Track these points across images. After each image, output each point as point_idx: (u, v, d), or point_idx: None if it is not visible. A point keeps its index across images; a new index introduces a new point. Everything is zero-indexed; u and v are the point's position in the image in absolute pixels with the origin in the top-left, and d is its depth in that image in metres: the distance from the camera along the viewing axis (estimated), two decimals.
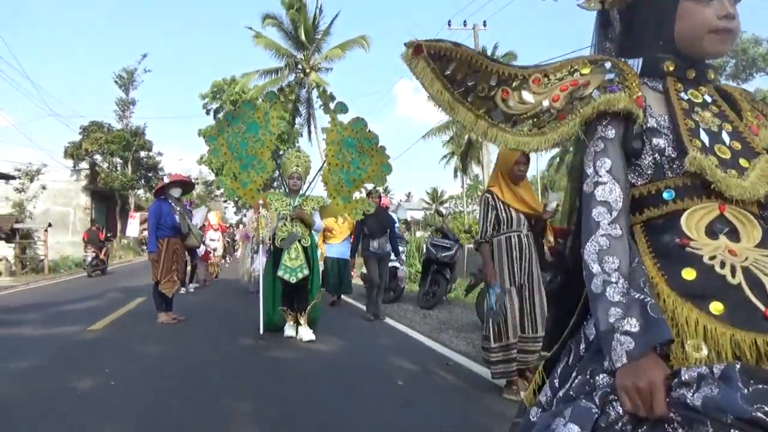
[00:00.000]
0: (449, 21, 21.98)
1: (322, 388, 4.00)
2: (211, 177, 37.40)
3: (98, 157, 26.87)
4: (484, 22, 22.27)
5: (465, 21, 22.44)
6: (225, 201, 39.92)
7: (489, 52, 27.22)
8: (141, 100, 63.24)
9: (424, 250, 9.63)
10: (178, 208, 6.99)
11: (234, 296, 9.57)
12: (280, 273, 5.66)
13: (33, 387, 3.96)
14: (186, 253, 8.14)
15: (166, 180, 7.36)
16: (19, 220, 18.82)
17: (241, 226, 26.21)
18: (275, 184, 11.27)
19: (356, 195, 6.16)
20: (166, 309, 6.84)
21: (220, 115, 6.62)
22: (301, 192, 5.97)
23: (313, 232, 6.05)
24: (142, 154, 29.15)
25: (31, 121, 57.57)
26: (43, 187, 21.67)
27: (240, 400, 3.64)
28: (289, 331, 5.84)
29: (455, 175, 43.60)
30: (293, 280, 5.68)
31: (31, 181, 21.08)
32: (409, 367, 4.67)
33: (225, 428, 3.16)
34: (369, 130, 5.90)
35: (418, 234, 24.13)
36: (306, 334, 5.64)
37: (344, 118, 5.96)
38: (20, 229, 18.09)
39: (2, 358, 4.86)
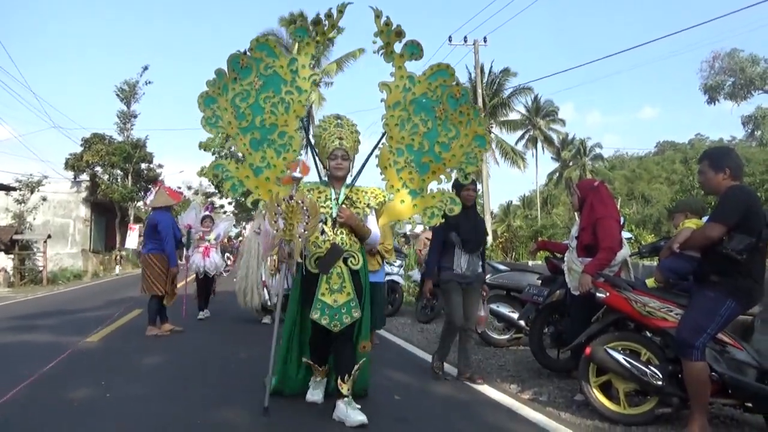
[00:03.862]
0: (450, 37, 22.17)
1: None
2: (212, 189, 37.41)
3: (99, 169, 26.92)
4: (485, 38, 22.43)
5: (465, 37, 22.62)
6: (224, 209, 35.85)
7: (486, 69, 27.41)
8: (142, 111, 63.58)
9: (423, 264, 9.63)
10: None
11: (233, 309, 9.54)
12: (314, 315, 3.48)
13: (29, 398, 3.95)
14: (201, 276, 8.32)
15: (157, 191, 7.26)
16: (18, 231, 18.81)
17: (240, 239, 26.18)
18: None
19: (432, 186, 4.03)
20: (162, 319, 6.83)
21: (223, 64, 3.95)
22: (347, 181, 3.81)
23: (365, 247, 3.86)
24: (143, 166, 29.20)
25: (33, 133, 57.92)
26: (44, 199, 21.69)
27: (236, 413, 3.62)
28: (314, 394, 3.81)
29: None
30: (335, 327, 3.49)
31: (32, 192, 21.10)
32: (406, 381, 4.66)
33: None
34: (456, 84, 3.93)
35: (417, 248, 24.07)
36: (353, 414, 3.37)
37: (416, 68, 3.96)
38: (20, 241, 18.09)
39: None
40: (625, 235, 5.03)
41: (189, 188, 40.02)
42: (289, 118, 3.87)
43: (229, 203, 38.26)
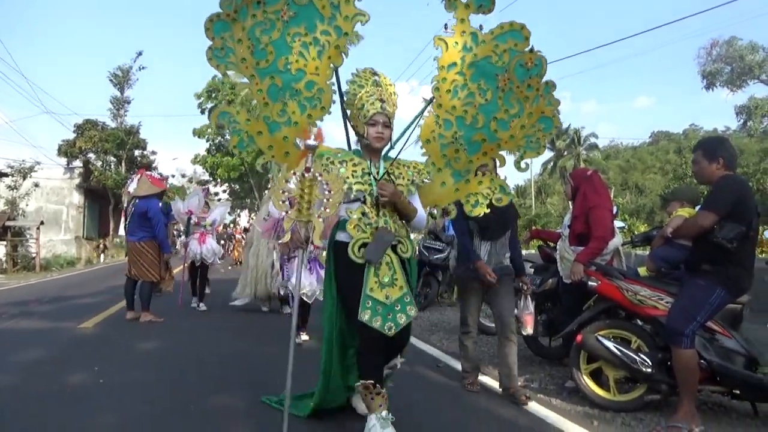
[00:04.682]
0: (446, 25, 22.00)
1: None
2: (206, 177, 37.24)
3: (92, 156, 26.76)
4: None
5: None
6: (218, 196, 33.56)
7: None
8: (136, 98, 63.03)
9: (417, 253, 9.65)
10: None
11: (228, 298, 9.54)
12: (364, 317, 2.79)
13: (22, 384, 3.95)
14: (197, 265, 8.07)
15: (139, 179, 7.16)
16: (11, 217, 18.72)
17: (233, 225, 26.11)
18: (270, 174, 7.80)
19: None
20: (143, 307, 6.82)
21: None
22: (385, 152, 3.15)
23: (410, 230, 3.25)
24: (136, 152, 29.05)
25: (24, 118, 57.33)
26: (36, 185, 21.55)
27: (231, 398, 3.65)
28: (381, 428, 2.82)
29: None
30: (390, 329, 2.82)
31: (24, 178, 20.96)
32: (400, 368, 4.68)
33: (215, 427, 3.16)
34: (531, 50, 3.12)
35: (411, 237, 24.11)
36: None
37: (482, 23, 3.20)
38: (12, 227, 18.00)
39: None
40: (618, 224, 5.06)
41: (183, 176, 39.88)
42: (322, 65, 2.95)
43: (224, 191, 38.18)
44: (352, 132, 3.15)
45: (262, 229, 5.80)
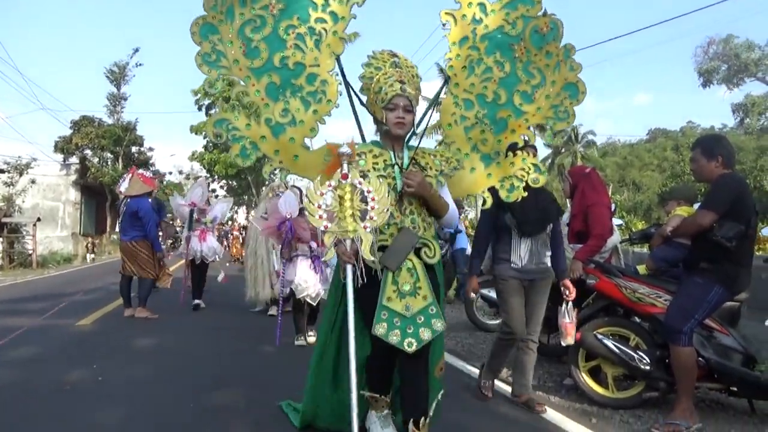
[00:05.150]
0: (444, 23, 21.99)
1: None
2: (204, 173, 37.15)
3: (89, 152, 26.69)
4: None
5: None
6: (215, 193, 32.63)
7: None
8: (132, 94, 62.85)
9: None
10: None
11: (227, 296, 9.54)
12: (379, 330, 2.44)
13: (21, 382, 3.95)
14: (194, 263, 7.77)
15: (130, 179, 7.18)
16: (7, 214, 18.67)
17: (230, 222, 26.07)
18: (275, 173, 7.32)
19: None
20: (140, 303, 6.85)
21: None
22: (408, 140, 2.83)
23: (437, 229, 3.13)
24: (133, 149, 28.98)
25: (21, 115, 57.16)
26: (33, 182, 21.48)
27: (230, 396, 3.64)
28: (381, 427, 2.71)
29: None
30: (410, 346, 2.44)
31: (21, 174, 20.88)
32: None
33: (214, 425, 3.16)
34: (543, 14, 2.95)
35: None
36: None
37: None
38: (8, 224, 17.95)
39: None
40: (616, 221, 5.07)
41: (180, 172, 39.71)
42: (322, 55, 2.75)
43: (221, 187, 38.09)
44: (366, 124, 2.88)
45: (262, 228, 5.41)
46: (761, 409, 3.68)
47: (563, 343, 3.70)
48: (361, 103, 2.80)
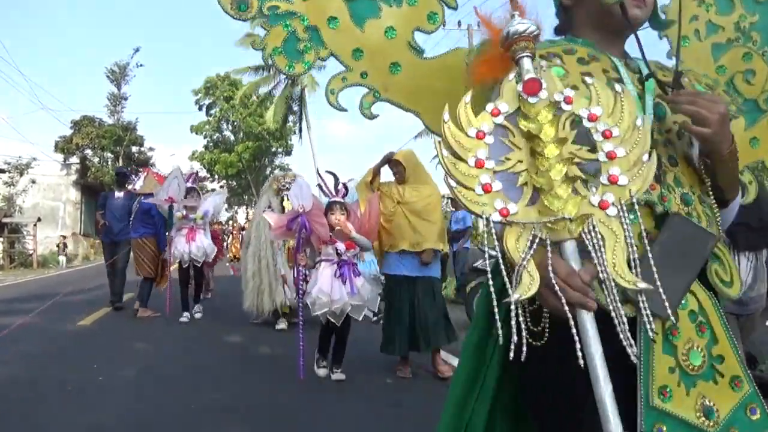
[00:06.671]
0: (443, 22, 21.99)
1: (311, 386, 4.01)
2: (204, 173, 37.19)
3: (89, 152, 26.68)
4: (478, 22, 22.23)
5: (459, 21, 22.43)
6: (214, 191, 33.64)
7: None
8: (133, 94, 62.81)
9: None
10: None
11: (226, 298, 9.53)
12: None
13: (21, 381, 3.95)
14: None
15: (145, 177, 7.33)
16: (7, 214, 18.68)
17: (230, 223, 25.96)
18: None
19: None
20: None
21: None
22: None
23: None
24: (134, 149, 28.97)
25: (22, 115, 57.11)
26: (33, 181, 21.50)
27: (229, 396, 3.65)
28: None
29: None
30: None
31: (21, 174, 20.90)
32: (392, 360, 4.68)
33: (212, 425, 3.16)
34: None
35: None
36: None
37: None
38: (9, 224, 17.96)
39: None
40: None
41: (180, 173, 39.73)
42: None
43: (221, 187, 38.09)
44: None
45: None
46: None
47: None
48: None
